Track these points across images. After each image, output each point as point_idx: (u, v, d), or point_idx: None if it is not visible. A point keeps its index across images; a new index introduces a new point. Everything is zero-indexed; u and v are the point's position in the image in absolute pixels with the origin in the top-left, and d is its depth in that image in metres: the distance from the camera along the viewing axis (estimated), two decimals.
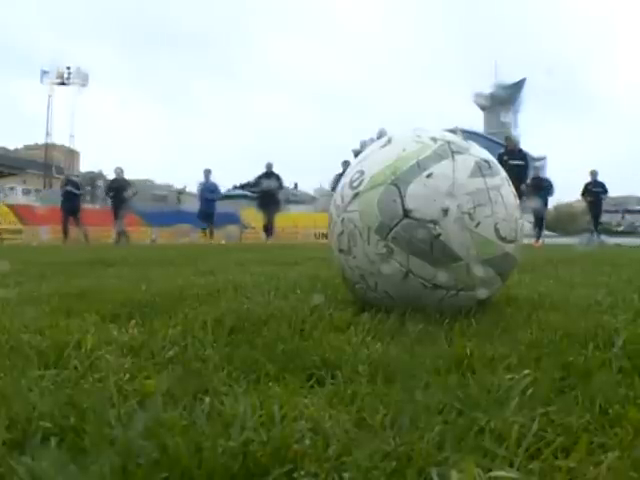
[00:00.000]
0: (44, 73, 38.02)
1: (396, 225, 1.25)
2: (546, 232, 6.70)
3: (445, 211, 1.23)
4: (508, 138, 9.87)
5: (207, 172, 11.52)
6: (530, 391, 0.71)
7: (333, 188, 6.97)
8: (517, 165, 9.11)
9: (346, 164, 8.92)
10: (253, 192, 10.72)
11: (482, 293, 1.30)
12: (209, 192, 11.31)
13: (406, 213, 1.24)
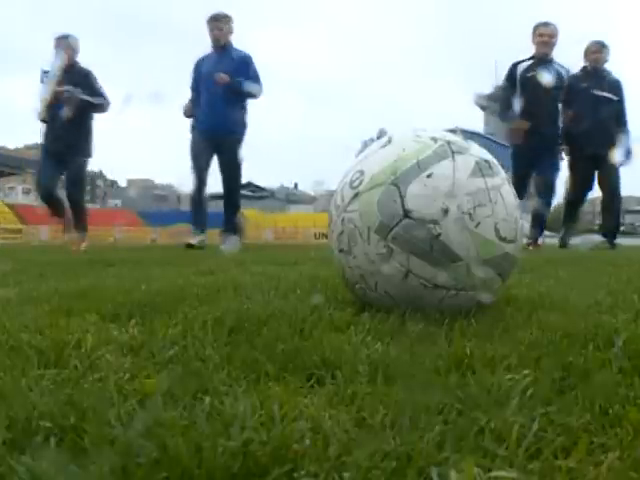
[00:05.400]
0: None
1: (396, 225, 1.25)
2: (546, 232, 6.44)
3: (445, 211, 1.23)
4: (590, 49, 5.38)
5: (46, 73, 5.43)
6: (530, 391, 0.71)
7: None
8: (607, 100, 5.21)
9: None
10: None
11: (486, 298, 1.30)
12: (59, 127, 5.06)
13: (406, 213, 1.24)
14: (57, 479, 0.50)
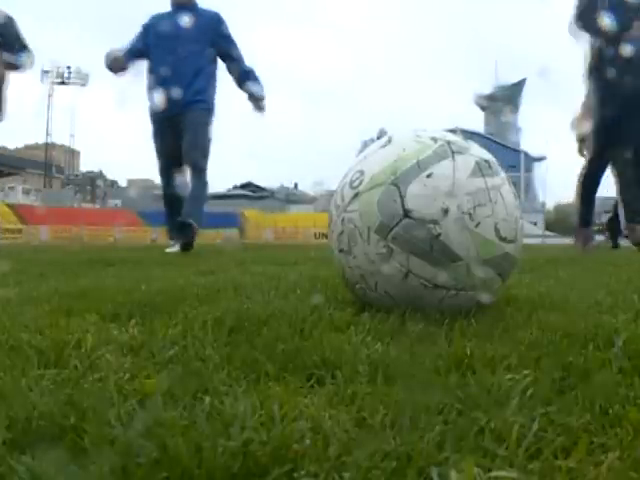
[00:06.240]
0: (44, 73, 37.99)
1: (396, 225, 1.25)
2: (546, 232, 6.27)
3: (445, 211, 1.23)
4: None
5: None
6: (530, 391, 0.71)
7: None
8: None
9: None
10: None
11: (486, 298, 1.30)
12: None
13: (406, 213, 1.24)
14: (57, 479, 0.50)
